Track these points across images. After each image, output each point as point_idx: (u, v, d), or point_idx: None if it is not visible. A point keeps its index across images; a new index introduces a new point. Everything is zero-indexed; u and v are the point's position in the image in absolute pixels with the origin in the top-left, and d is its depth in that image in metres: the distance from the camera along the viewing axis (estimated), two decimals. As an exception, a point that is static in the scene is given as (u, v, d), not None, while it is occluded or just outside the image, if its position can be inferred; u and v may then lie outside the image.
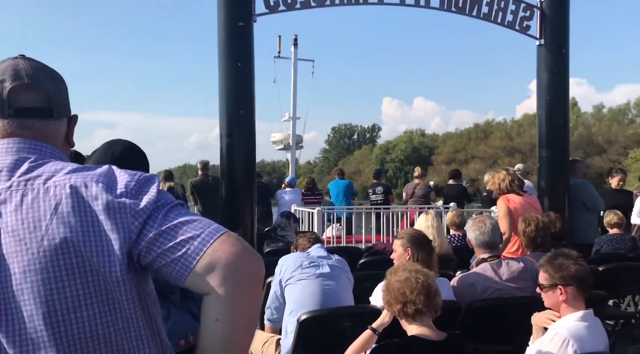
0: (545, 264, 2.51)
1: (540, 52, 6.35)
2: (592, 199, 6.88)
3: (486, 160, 49.40)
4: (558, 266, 2.46)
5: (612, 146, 43.48)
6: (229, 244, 1.05)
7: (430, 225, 4.38)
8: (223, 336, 1.05)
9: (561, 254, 2.55)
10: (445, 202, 9.15)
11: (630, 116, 48.64)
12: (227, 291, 1.02)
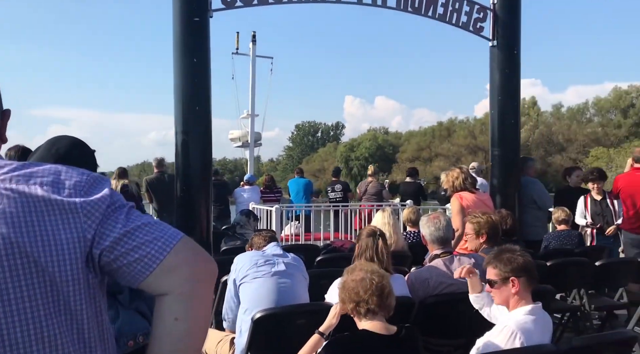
0: (493, 260, 2.58)
1: (493, 53, 6.51)
2: (542, 197, 7.12)
3: (450, 158, 50.24)
4: (507, 260, 2.54)
5: (571, 144, 44.94)
6: (189, 246, 1.10)
7: (387, 222, 4.43)
8: (181, 336, 1.08)
9: (505, 249, 2.63)
10: (402, 199, 9.29)
11: (588, 115, 50.41)
12: (188, 290, 1.07)
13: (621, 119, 46.78)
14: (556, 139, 46.13)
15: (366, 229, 3.37)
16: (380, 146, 63.47)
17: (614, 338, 2.62)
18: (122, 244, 1.05)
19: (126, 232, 1.05)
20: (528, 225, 6.91)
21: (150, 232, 1.07)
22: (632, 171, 6.13)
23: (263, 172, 11.44)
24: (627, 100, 47.83)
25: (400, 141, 65.35)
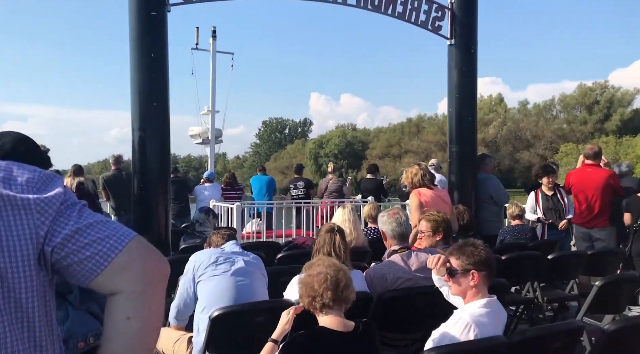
0: (457, 252, 2.64)
1: (451, 51, 6.63)
2: (499, 193, 7.30)
3: (419, 154, 50.25)
4: (470, 253, 2.59)
5: (539, 140, 45.42)
6: (141, 246, 1.10)
7: (347, 219, 4.45)
8: (134, 335, 1.07)
9: (467, 243, 2.69)
10: (363, 196, 9.37)
11: (554, 112, 51.33)
12: (140, 289, 1.06)
13: (586, 115, 47.67)
14: (524, 135, 46.52)
15: (325, 226, 3.39)
16: (349, 143, 63.30)
17: (563, 328, 2.71)
18: (73, 241, 1.03)
19: (78, 229, 1.04)
20: (485, 220, 7.08)
21: (102, 230, 1.06)
22: (583, 167, 6.37)
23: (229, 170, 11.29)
24: (592, 97, 48.83)
25: (369, 137, 65.23)
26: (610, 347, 2.59)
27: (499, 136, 46.60)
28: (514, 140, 46.32)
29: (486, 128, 46.71)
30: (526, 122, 47.92)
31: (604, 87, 49.49)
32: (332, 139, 64.08)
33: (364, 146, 62.44)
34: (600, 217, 6.10)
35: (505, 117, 49.90)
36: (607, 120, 46.88)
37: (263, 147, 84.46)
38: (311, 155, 63.65)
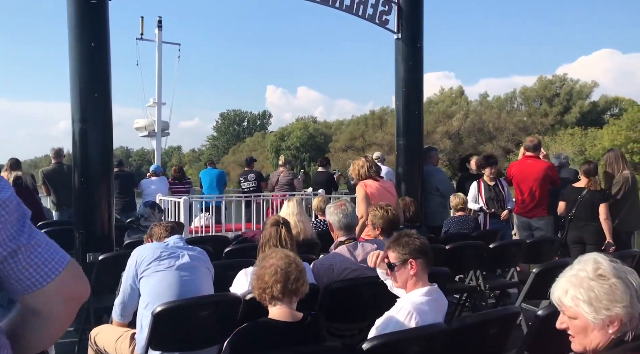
0: (392, 245, 2.69)
1: (398, 45, 6.72)
2: (444, 185, 7.50)
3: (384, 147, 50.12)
4: (405, 243, 2.66)
5: (501, 133, 45.35)
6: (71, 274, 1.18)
7: (292, 212, 4.45)
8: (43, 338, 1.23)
9: (402, 234, 2.75)
10: (314, 189, 9.40)
11: (515, 105, 51.46)
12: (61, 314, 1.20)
13: (547, 107, 47.88)
14: (486, 127, 46.37)
15: (270, 219, 3.38)
16: (311, 136, 62.22)
17: (500, 314, 2.82)
18: (16, 259, 1.09)
19: (22, 246, 1.09)
20: (431, 211, 7.26)
21: (42, 254, 1.13)
22: (524, 158, 6.61)
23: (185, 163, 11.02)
24: (552, 89, 49.17)
25: (331, 130, 64.39)
26: (543, 330, 2.71)
27: (462, 128, 46.50)
28: (477, 132, 46.24)
29: (449, 120, 46.75)
30: (488, 115, 47.79)
31: (563, 80, 49.90)
32: (293, 131, 62.98)
33: (327, 138, 61.52)
34: (539, 207, 6.36)
35: (467, 109, 49.93)
36: (566, 112, 47.25)
37: (221, 140, 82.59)
38: (272, 148, 62.47)
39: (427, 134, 45.77)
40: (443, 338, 2.52)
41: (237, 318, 2.91)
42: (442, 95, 53.37)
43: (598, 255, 1.67)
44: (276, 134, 65.95)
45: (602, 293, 1.57)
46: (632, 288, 1.56)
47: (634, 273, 1.61)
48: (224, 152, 71.59)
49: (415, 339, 2.43)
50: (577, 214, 5.90)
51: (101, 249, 4.87)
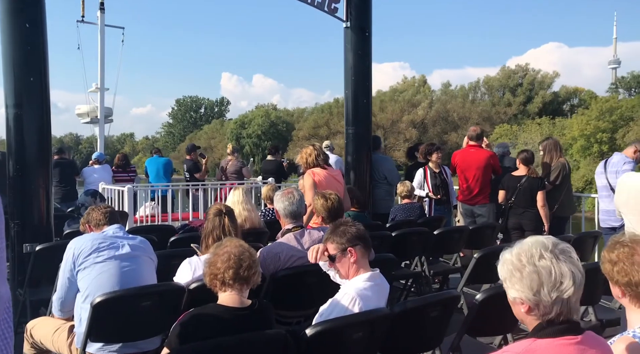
0: (330, 235, 2.73)
1: (347, 34, 6.74)
2: (392, 173, 7.63)
3: None
4: (342, 232, 2.68)
5: (465, 122, 44.31)
6: None
7: (237, 201, 4.41)
8: None
9: (339, 223, 2.79)
10: (264, 177, 9.35)
11: (479, 94, 51.27)
12: None
13: (510, 97, 47.75)
14: (451, 117, 45.99)
15: (212, 209, 3.33)
16: (273, 123, 60.79)
17: (440, 298, 2.90)
18: None
19: None
20: (379, 199, 7.37)
21: None
22: (467, 147, 6.80)
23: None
24: (515, 79, 49.16)
25: (293, 118, 63.09)
26: (481, 313, 2.82)
27: (427, 118, 46.13)
28: (442, 122, 45.92)
29: (414, 109, 46.48)
30: (453, 104, 47.30)
31: (525, 70, 49.94)
32: (254, 119, 61.33)
33: (289, 126, 60.14)
34: (481, 195, 6.57)
35: (432, 98, 49.56)
36: (529, 102, 47.25)
37: (177, 127, 79.99)
38: (232, 136, 60.41)
39: (393, 122, 45.23)
40: (385, 322, 2.57)
41: (181, 308, 2.87)
42: (404, 83, 52.89)
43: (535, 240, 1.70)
44: (236, 121, 64.35)
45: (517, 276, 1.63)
46: (546, 277, 1.58)
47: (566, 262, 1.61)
48: (181, 140, 69.64)
49: (358, 324, 2.46)
50: (516, 202, 6.13)
51: (38, 239, 4.67)
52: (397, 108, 45.98)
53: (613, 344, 1.95)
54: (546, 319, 1.61)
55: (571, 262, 1.61)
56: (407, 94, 49.14)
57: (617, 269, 2.02)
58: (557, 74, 50.06)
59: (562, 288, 1.57)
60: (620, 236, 2.08)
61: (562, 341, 1.58)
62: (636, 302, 2.02)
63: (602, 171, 6.07)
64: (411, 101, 47.74)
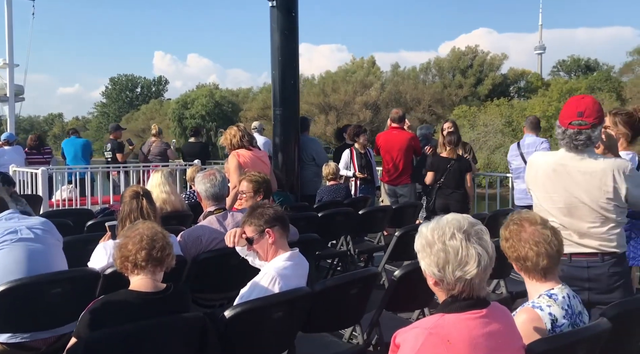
0: (248, 218, 2.72)
1: (273, 13, 6.63)
2: (320, 155, 7.67)
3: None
4: (259, 214, 2.68)
5: (418, 104, 44.68)
6: None
7: (157, 183, 4.27)
8: None
9: (255, 206, 2.79)
10: (186, 159, 9.13)
11: (430, 76, 50.72)
12: None
13: (462, 79, 47.46)
14: (404, 98, 45.37)
15: (128, 191, 3.21)
16: (217, 104, 58.39)
17: (360, 275, 2.96)
18: None
19: None
20: (308, 180, 7.40)
21: None
22: (390, 129, 6.95)
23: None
24: (466, 61, 48.90)
25: (238, 98, 60.96)
26: (399, 289, 2.91)
27: (380, 99, 45.59)
28: (394, 103, 44.13)
29: (367, 91, 46.00)
30: (405, 86, 46.80)
31: (475, 52, 49.89)
32: (197, 99, 58.60)
33: (234, 107, 58.19)
34: (403, 175, 6.76)
35: (384, 79, 49.16)
36: (479, 84, 47.35)
37: (112, 108, 75.61)
38: (174, 116, 58.06)
39: (346, 103, 44.92)
40: (306, 301, 2.60)
41: (96, 295, 2.76)
42: (353, 64, 52.17)
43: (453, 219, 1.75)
44: (178, 101, 61.39)
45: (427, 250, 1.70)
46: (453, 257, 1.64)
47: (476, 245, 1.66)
48: (116, 120, 66.25)
49: (278, 304, 2.47)
50: (445, 183, 6.31)
51: None
52: (349, 89, 45.56)
53: (516, 314, 2.08)
54: (450, 294, 1.68)
55: (481, 244, 1.67)
56: (359, 75, 48.57)
57: (508, 245, 2.16)
58: (505, 56, 50.51)
59: (466, 269, 1.63)
60: (513, 214, 2.21)
61: (468, 315, 1.66)
62: (529, 275, 2.16)
63: (518, 153, 6.44)
64: (363, 81, 47.25)
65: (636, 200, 2.74)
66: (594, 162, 2.71)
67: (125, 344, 2.07)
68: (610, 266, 2.69)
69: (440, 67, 50.24)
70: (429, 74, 51.06)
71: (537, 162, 2.92)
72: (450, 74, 49.18)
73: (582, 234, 2.72)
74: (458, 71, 48.59)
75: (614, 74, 43.29)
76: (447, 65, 49.72)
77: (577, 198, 2.71)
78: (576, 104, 2.75)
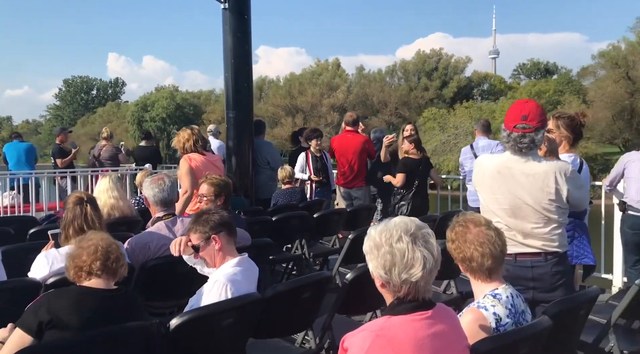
0: (193, 226, 2.67)
1: (225, 15, 6.57)
2: (275, 158, 7.62)
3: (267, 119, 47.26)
4: (204, 221, 2.64)
5: (385, 106, 44.97)
6: None
7: (104, 189, 4.14)
8: None
9: (200, 213, 2.75)
10: (138, 164, 8.92)
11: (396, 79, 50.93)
12: None
13: (427, 82, 47.81)
14: (370, 101, 45.94)
15: (71, 197, 3.10)
16: (179, 106, 57.25)
17: (312, 279, 2.96)
18: None
19: None
20: (262, 184, 7.34)
21: None
22: (345, 133, 6.99)
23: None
24: (431, 63, 49.33)
25: (200, 100, 59.78)
26: (351, 292, 2.92)
27: (347, 101, 45.65)
28: (361, 105, 45.31)
29: (334, 93, 46.04)
30: (372, 88, 47.03)
31: (439, 54, 50.46)
32: (158, 101, 57.15)
33: (196, 109, 57.14)
34: (358, 178, 6.79)
35: (351, 82, 49.30)
36: (444, 87, 47.78)
37: (66, 110, 73.43)
38: (134, 119, 56.47)
39: (313, 106, 44.75)
40: (257, 306, 2.57)
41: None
42: (318, 66, 52.10)
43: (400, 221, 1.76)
44: (137, 103, 59.81)
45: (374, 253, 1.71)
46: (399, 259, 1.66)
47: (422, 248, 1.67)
48: (70, 124, 63.77)
49: (227, 310, 2.43)
50: (421, 184, 6.31)
51: None
52: (316, 91, 45.46)
53: (462, 315, 2.11)
54: (396, 296, 1.70)
55: (427, 247, 1.68)
56: (325, 77, 48.51)
57: (454, 246, 2.20)
58: (469, 59, 51.41)
59: (412, 272, 1.65)
60: (458, 216, 2.26)
61: (413, 316, 1.68)
62: (474, 275, 2.21)
63: (471, 156, 6.59)
64: (330, 84, 47.23)
65: (577, 201, 2.85)
66: (537, 165, 2.80)
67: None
68: (552, 265, 2.79)
69: (405, 70, 50.68)
70: (394, 76, 51.50)
71: (484, 164, 3.00)
72: (415, 76, 49.70)
73: (526, 234, 2.80)
74: (424, 74, 49.12)
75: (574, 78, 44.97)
76: (412, 68, 50.21)
77: (521, 199, 2.79)
78: (520, 108, 2.84)
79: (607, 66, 34.70)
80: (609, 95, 32.35)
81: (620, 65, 33.34)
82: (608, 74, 34.07)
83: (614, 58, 33.90)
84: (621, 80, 32.74)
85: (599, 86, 33.79)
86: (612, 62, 33.87)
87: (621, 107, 32.86)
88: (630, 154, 5.09)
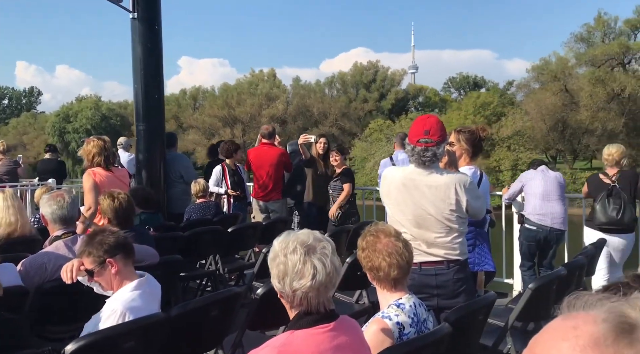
0: (85, 248, 2.47)
1: (134, 25, 6.36)
2: (188, 171, 7.44)
3: (204, 130, 45.81)
4: (98, 243, 2.45)
5: (325, 118, 44.99)
6: None
7: (3, 206, 3.84)
8: None
9: (93, 234, 2.57)
10: (41, 179, 8.37)
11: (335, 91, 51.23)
12: None
13: (366, 93, 48.58)
14: (310, 112, 45.90)
15: None
16: (105, 117, 54.35)
17: (221, 296, 2.89)
18: None
19: None
20: (176, 198, 7.13)
21: None
22: (261, 145, 6.96)
23: None
24: (368, 75, 50.00)
25: (127, 111, 55.93)
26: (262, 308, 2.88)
27: (287, 112, 45.46)
28: (302, 117, 45.36)
29: (274, 104, 45.64)
30: (312, 100, 47.10)
31: (376, 67, 51.11)
32: (82, 111, 54.03)
33: (124, 120, 54.25)
34: (274, 191, 6.78)
35: (290, 93, 48.95)
36: (383, 98, 48.61)
37: None
38: (54, 131, 52.96)
39: (252, 117, 44.06)
40: (161, 327, 2.46)
41: None
42: (252, 76, 51.50)
43: (301, 233, 1.77)
44: (58, 114, 56.09)
45: (273, 263, 1.74)
46: (290, 270, 1.67)
47: (315, 260, 1.67)
48: None
49: (128, 332, 2.31)
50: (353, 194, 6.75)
51: None
52: (255, 102, 44.98)
53: (367, 325, 2.15)
54: (297, 310, 1.70)
55: (321, 260, 1.68)
56: (264, 88, 48.11)
57: (364, 255, 2.25)
58: (405, 72, 53.18)
59: (302, 282, 1.66)
60: (370, 226, 2.32)
61: (316, 330, 1.68)
62: (380, 284, 2.26)
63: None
64: (268, 95, 46.88)
65: (475, 211, 3.01)
66: (439, 177, 2.93)
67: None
68: (454, 273, 2.91)
69: (344, 81, 51.44)
70: (333, 88, 52.13)
71: (390, 177, 3.09)
72: (354, 88, 50.63)
73: (430, 243, 2.91)
74: (362, 86, 50.19)
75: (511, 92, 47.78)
76: (350, 80, 51.12)
77: (424, 210, 2.91)
78: (423, 124, 2.96)
79: (545, 79, 36.47)
80: (546, 107, 34.03)
81: (559, 78, 35.20)
82: (547, 86, 35.63)
83: (552, 71, 35.76)
84: (559, 93, 34.57)
85: (539, 98, 35.25)
86: (551, 75, 35.63)
87: (556, 119, 34.71)
88: (528, 173, 5.75)
